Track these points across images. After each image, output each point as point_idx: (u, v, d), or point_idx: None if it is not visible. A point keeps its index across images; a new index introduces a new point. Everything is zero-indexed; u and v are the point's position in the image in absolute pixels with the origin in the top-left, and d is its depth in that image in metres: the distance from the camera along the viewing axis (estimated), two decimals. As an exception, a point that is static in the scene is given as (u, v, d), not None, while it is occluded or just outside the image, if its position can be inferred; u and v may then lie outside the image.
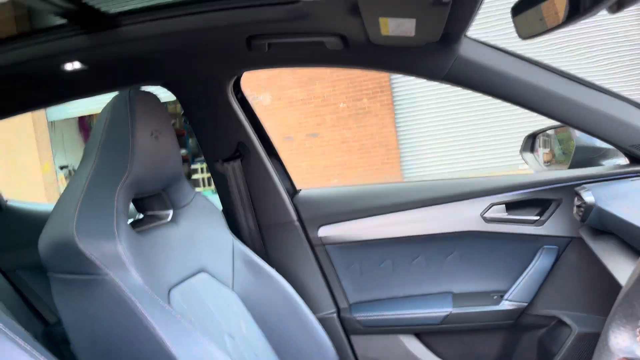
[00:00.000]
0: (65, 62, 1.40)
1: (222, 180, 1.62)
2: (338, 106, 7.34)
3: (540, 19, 0.80)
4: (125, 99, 1.21)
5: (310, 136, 7.47)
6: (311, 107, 7.41)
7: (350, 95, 7.27)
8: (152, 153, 1.23)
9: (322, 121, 7.42)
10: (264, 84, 7.37)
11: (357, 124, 7.26)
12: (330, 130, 7.38)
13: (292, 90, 7.37)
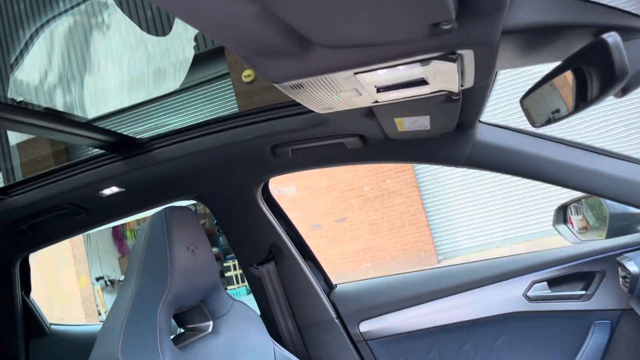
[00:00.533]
0: (103, 188, 1.49)
1: (258, 283, 1.63)
2: (362, 189, 7.42)
3: (550, 109, 0.83)
4: (162, 218, 1.27)
5: (338, 222, 7.49)
6: (336, 193, 7.51)
7: (373, 177, 7.37)
8: (190, 267, 1.27)
9: (348, 206, 7.47)
10: (288, 176, 7.56)
11: (384, 204, 7.28)
12: (357, 214, 7.41)
13: (315, 179, 7.51)
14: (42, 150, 7.60)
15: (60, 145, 7.57)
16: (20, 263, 1.81)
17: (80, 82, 7.15)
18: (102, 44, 7.12)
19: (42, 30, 7.32)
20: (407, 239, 7.19)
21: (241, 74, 7.15)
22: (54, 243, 1.72)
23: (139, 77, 6.91)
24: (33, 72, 7.26)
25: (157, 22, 6.95)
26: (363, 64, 0.72)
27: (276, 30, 0.62)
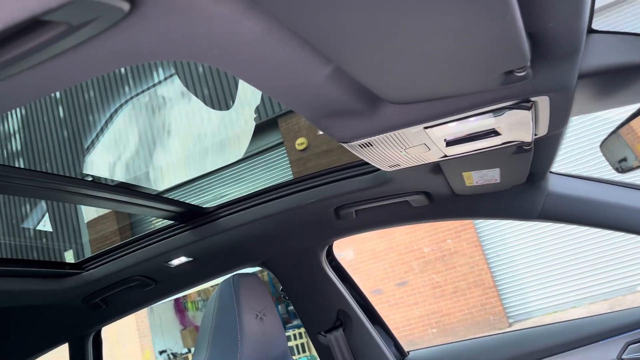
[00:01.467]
0: (172, 259, 1.51)
1: (327, 352, 1.58)
2: (422, 251, 7.22)
3: (632, 156, 0.79)
4: (230, 285, 1.26)
5: (399, 285, 7.27)
6: (395, 255, 7.34)
7: (432, 238, 7.18)
8: (260, 336, 1.24)
9: (408, 268, 7.27)
10: (345, 240, 7.48)
11: (446, 266, 7.03)
12: (418, 277, 7.17)
13: (373, 242, 7.40)
14: (109, 227, 7.97)
15: (125, 221, 7.92)
16: (93, 337, 1.84)
17: (148, 158, 7.58)
18: (167, 121, 7.58)
19: (115, 115, 7.90)
20: (473, 301, 6.85)
21: (294, 142, 7.35)
22: (126, 315, 1.74)
23: (203, 150, 7.24)
24: (105, 153, 7.78)
25: (220, 97, 7.35)
26: (433, 117, 0.71)
27: (347, 90, 0.63)
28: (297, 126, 7.43)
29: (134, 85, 8.01)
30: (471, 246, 6.94)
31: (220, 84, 7.47)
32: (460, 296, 6.92)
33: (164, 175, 7.45)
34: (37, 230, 8.42)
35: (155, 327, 8.43)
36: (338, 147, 7.51)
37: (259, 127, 7.27)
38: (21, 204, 8.66)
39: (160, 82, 7.79)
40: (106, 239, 7.91)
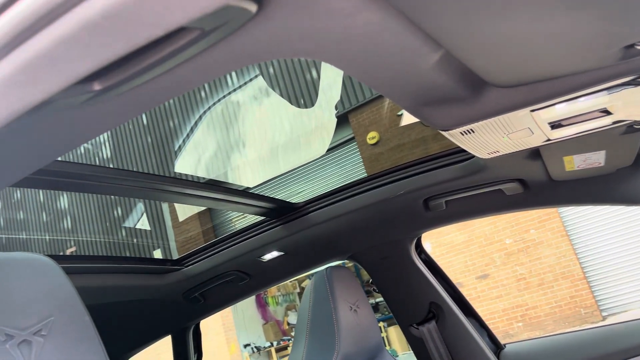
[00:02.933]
0: (265, 253, 1.57)
1: (420, 344, 1.57)
2: (504, 242, 6.96)
3: None
4: (324, 278, 1.29)
5: (480, 278, 7.05)
6: (475, 248, 7.13)
7: (514, 229, 6.90)
8: (354, 327, 1.26)
9: (489, 261, 7.03)
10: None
11: (530, 257, 6.74)
12: (501, 270, 6.92)
13: (451, 234, 7.24)
14: (193, 229, 8.36)
15: (207, 225, 8.27)
16: (193, 329, 1.94)
17: (229, 159, 7.87)
18: (246, 124, 7.84)
19: (196, 120, 8.28)
20: (562, 294, 6.51)
21: (365, 137, 7.34)
22: (223, 309, 1.83)
23: (287, 146, 7.42)
24: (191, 154, 8.17)
25: (305, 93, 7.49)
26: (541, 99, 0.69)
27: (452, 76, 0.62)
28: (367, 121, 7.41)
29: (210, 90, 8.34)
30: (557, 236, 6.60)
31: (291, 82, 7.61)
32: (547, 289, 6.61)
33: (248, 173, 7.69)
34: (130, 230, 9.00)
35: (239, 322, 8.75)
36: (410, 141, 7.40)
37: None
38: (114, 206, 9.29)
39: (237, 86, 8.07)
40: (190, 240, 8.30)
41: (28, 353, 0.60)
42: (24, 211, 10.51)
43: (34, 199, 10.44)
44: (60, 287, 0.68)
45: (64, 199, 9.98)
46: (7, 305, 0.60)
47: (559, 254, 6.55)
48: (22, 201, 10.62)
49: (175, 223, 8.61)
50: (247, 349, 8.76)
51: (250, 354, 8.74)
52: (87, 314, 0.70)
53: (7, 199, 10.77)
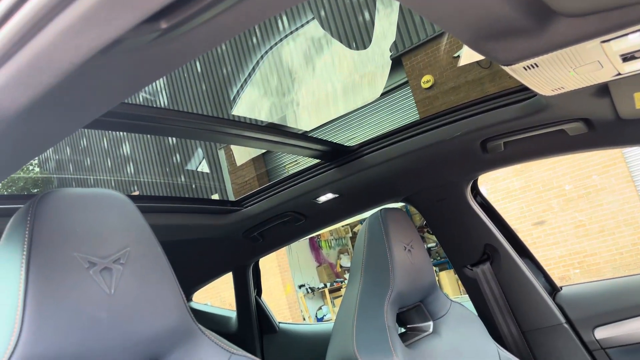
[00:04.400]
0: (320, 195, 1.60)
1: (474, 285, 1.58)
2: (563, 188, 6.73)
3: None
4: (379, 219, 1.31)
5: (537, 225, 6.90)
6: (532, 194, 6.94)
7: (574, 174, 6.64)
8: (409, 266, 1.29)
9: (547, 207, 6.85)
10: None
11: (591, 204, 6.50)
12: (558, 216, 6.73)
13: (507, 180, 7.06)
14: (248, 174, 8.57)
15: (261, 169, 8.45)
16: (252, 267, 2.04)
17: (290, 101, 7.91)
18: (304, 66, 7.79)
19: (255, 67, 8.31)
20: (623, 241, 6.29)
21: (420, 80, 7.13)
22: (280, 247, 1.91)
23: (340, 91, 7.37)
24: (251, 98, 8.27)
25: (358, 35, 7.34)
26: (613, 29, 0.65)
27: (517, 6, 0.60)
28: (422, 64, 7.18)
29: (262, 37, 8.29)
30: (621, 182, 6.30)
31: (343, 25, 7.43)
32: (608, 236, 6.40)
33: (304, 116, 7.73)
34: (189, 174, 9.35)
35: (294, 264, 9.07)
36: (465, 82, 7.12)
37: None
38: (174, 152, 9.64)
39: (290, 31, 7.97)
40: (246, 184, 8.54)
41: (109, 279, 0.66)
42: (90, 157, 11.11)
43: (98, 146, 10.99)
44: (134, 221, 0.73)
45: (127, 146, 10.43)
46: (89, 236, 0.66)
47: (622, 200, 6.28)
48: (88, 148, 11.20)
49: (231, 168, 8.86)
50: (301, 290, 9.11)
51: (304, 294, 9.10)
52: (160, 246, 0.75)
53: (74, 146, 11.39)
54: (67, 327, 0.60)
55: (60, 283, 0.61)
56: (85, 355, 0.62)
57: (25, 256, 0.61)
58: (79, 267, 0.63)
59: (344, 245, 10.32)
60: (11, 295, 0.59)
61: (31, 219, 0.63)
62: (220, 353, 0.79)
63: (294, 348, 2.01)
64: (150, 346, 0.70)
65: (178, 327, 0.73)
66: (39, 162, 11.94)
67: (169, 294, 0.72)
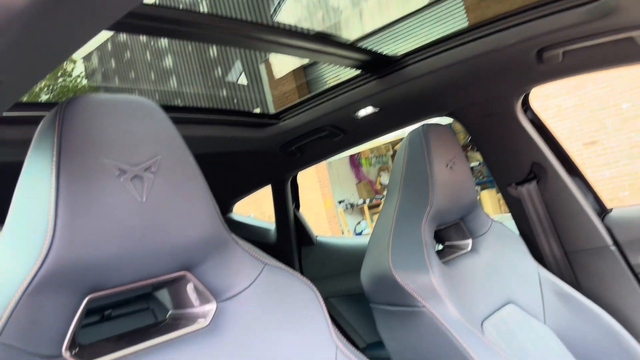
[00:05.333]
0: (359, 109, 1.54)
1: (517, 204, 1.53)
2: (620, 107, 6.35)
3: None
4: (420, 135, 1.25)
5: (587, 145, 6.62)
6: (585, 112, 6.59)
7: (634, 92, 6.22)
8: (450, 184, 1.24)
9: (600, 127, 6.51)
10: (526, 96, 6.88)
11: (650, 123, 6.13)
12: (612, 136, 6.41)
13: (559, 97, 6.70)
14: (287, 86, 8.46)
15: (301, 80, 8.30)
16: (290, 181, 2.05)
17: (332, 9, 7.59)
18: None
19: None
20: (680, 164, 5.98)
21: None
22: (318, 162, 1.89)
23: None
24: (294, 5, 7.96)
25: None
26: None
27: None
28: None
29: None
30: (687, 101, 5.88)
31: None
32: (664, 158, 6.09)
33: (340, 27, 7.43)
34: (229, 86, 9.33)
35: (334, 179, 9.16)
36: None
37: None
38: (215, 65, 9.58)
39: None
40: (285, 98, 8.47)
41: (140, 187, 0.64)
42: (134, 69, 11.20)
43: (141, 58, 11.02)
44: (165, 129, 0.70)
45: (169, 59, 10.42)
46: (119, 143, 0.64)
47: (686, 120, 5.89)
48: (132, 60, 11.27)
49: (271, 83, 8.76)
50: (341, 205, 9.28)
51: (344, 209, 9.27)
52: (191, 156, 0.73)
53: (119, 59, 11.48)
54: (99, 233, 0.60)
55: (91, 190, 0.60)
56: (118, 262, 0.62)
57: (54, 163, 0.59)
58: (110, 174, 0.62)
59: (384, 163, 10.29)
60: (43, 203, 0.59)
61: (59, 125, 0.61)
62: (254, 263, 0.79)
63: (331, 260, 2.05)
64: (183, 255, 0.69)
65: (211, 237, 0.72)
66: (85, 73, 12.14)
67: (202, 203, 0.71)
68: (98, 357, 0.63)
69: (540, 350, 1.22)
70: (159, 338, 0.69)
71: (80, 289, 0.62)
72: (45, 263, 0.57)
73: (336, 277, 2.01)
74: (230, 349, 0.73)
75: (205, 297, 0.75)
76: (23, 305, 0.57)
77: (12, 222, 0.61)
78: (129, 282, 0.66)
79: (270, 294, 0.79)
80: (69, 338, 0.61)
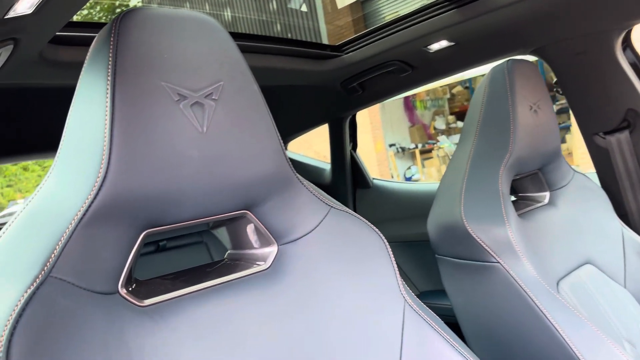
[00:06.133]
0: (432, 43, 1.40)
1: (603, 155, 1.38)
2: None
3: None
4: (504, 72, 1.12)
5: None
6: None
7: None
8: (532, 129, 1.11)
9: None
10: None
11: None
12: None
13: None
14: (343, 21, 8.14)
15: (358, 13, 7.95)
16: (349, 120, 1.94)
17: None
18: None
19: None
20: None
21: None
22: (380, 101, 1.77)
23: None
24: None
25: None
26: None
27: None
28: None
29: None
30: None
31: None
32: None
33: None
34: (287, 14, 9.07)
35: (386, 121, 8.93)
36: None
37: None
38: None
39: None
40: (342, 34, 8.17)
41: (201, 115, 0.57)
42: (190, 3, 11.09)
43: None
44: (228, 52, 0.62)
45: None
46: (178, 64, 0.56)
47: None
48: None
49: (326, 16, 8.45)
50: (392, 149, 9.09)
51: (395, 153, 9.09)
52: (256, 84, 0.65)
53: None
54: (156, 165, 0.54)
55: (148, 115, 0.53)
56: (176, 197, 0.56)
57: (109, 84, 0.53)
58: (168, 99, 0.55)
59: (440, 107, 9.92)
60: (97, 128, 0.53)
61: (114, 41, 0.54)
62: (319, 205, 0.72)
63: (386, 204, 1.97)
64: (244, 193, 0.63)
65: (275, 174, 0.65)
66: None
67: (266, 136, 0.63)
68: (156, 295, 0.59)
69: (619, 314, 1.12)
70: (217, 279, 0.64)
71: (137, 223, 0.56)
72: (100, 193, 0.52)
73: (391, 222, 1.93)
74: (291, 294, 0.67)
75: (266, 239, 0.69)
76: (77, 238, 0.52)
77: (65, 149, 0.56)
78: (187, 219, 0.60)
79: (335, 239, 0.72)
80: (125, 274, 0.57)
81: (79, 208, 0.52)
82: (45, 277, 0.49)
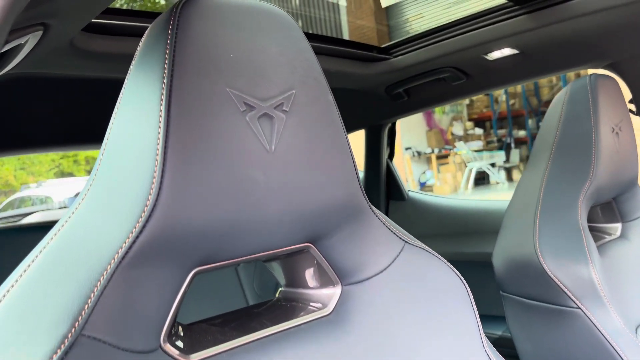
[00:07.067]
0: (493, 50, 1.28)
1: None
2: None
3: None
4: (586, 88, 0.99)
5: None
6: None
7: None
8: (614, 154, 0.99)
9: None
10: None
11: None
12: None
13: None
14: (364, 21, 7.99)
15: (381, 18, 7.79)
16: (389, 127, 1.82)
17: None
18: None
19: None
20: None
21: None
22: (426, 110, 1.65)
23: None
24: None
25: None
26: None
27: None
28: None
29: None
30: None
31: None
32: None
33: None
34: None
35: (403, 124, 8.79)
36: None
37: None
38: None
39: None
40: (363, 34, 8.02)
41: (269, 130, 0.45)
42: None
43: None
44: (302, 53, 0.50)
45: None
46: (246, 67, 0.44)
47: None
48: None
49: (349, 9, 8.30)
50: (408, 152, 8.95)
51: (410, 157, 8.95)
52: (331, 93, 0.53)
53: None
54: (217, 188, 0.42)
55: (209, 129, 0.42)
56: (235, 228, 0.44)
57: (165, 87, 0.41)
58: (234, 110, 0.43)
59: (458, 112, 9.77)
60: (148, 143, 0.41)
61: (172, 33, 0.42)
62: (393, 241, 0.60)
63: (423, 219, 1.85)
64: (311, 223, 0.51)
65: (346, 202, 0.54)
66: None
67: (340, 157, 0.52)
68: (204, 348, 0.47)
69: None
70: (273, 327, 0.53)
71: (188, 261, 0.45)
72: (148, 225, 0.40)
73: (427, 238, 1.80)
74: (358, 345, 0.55)
75: (329, 278, 0.58)
76: (116, 283, 0.40)
77: (104, 167, 0.44)
78: (244, 254, 0.49)
79: (409, 281, 0.61)
80: (168, 324, 0.45)
81: (120, 244, 0.40)
82: (76, 336, 0.37)
